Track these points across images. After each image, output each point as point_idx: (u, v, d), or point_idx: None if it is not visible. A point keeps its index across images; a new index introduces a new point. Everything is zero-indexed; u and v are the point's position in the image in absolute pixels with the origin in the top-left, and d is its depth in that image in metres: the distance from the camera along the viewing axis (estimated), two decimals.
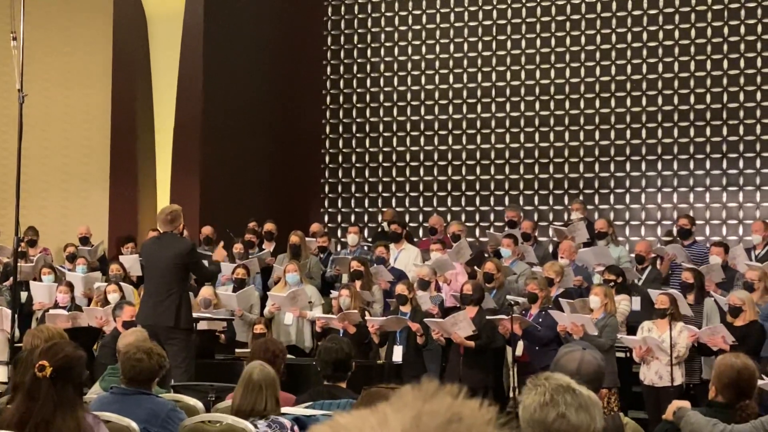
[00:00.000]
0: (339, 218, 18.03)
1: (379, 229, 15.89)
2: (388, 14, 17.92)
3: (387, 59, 17.90)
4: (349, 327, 11.58)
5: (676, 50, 16.23)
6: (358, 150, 18.04)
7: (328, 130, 18.24)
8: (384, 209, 16.96)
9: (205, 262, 12.01)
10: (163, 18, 16.76)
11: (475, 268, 12.93)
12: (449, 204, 17.34)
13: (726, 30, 16.00)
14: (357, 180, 18.01)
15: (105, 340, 11.18)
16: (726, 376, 5.85)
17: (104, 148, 17.25)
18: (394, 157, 17.74)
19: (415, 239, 15.98)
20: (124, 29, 16.99)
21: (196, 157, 16.50)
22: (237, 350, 12.09)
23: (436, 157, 17.46)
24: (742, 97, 15.89)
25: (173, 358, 10.07)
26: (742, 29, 15.92)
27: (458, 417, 1.25)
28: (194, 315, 11.23)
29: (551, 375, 3.33)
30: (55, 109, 17.89)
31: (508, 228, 14.69)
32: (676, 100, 16.20)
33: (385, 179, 17.80)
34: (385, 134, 17.83)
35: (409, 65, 17.74)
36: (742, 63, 15.91)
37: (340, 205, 18.11)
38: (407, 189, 17.63)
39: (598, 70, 16.61)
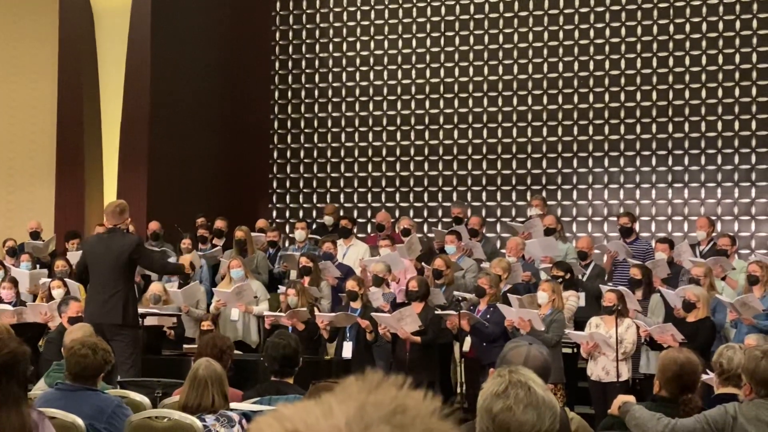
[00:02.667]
0: (287, 214, 18.00)
1: (316, 225, 15.87)
2: (336, 9, 17.90)
3: (335, 54, 17.89)
4: (298, 324, 11.56)
5: (623, 47, 16.35)
6: (306, 145, 18.01)
7: (276, 125, 18.20)
8: (333, 205, 16.93)
9: (155, 254, 12.02)
10: (109, 11, 16.63)
11: (423, 264, 12.95)
12: (397, 200, 17.36)
13: (671, 28, 16.14)
14: (305, 175, 17.98)
15: (50, 336, 11.09)
16: (669, 371, 5.91)
17: (50, 142, 17.11)
18: (342, 153, 17.73)
19: (362, 235, 15.98)
20: (71, 22, 16.84)
21: (143, 151, 16.39)
22: (185, 346, 12.05)
23: (384, 152, 17.47)
24: (687, 94, 16.03)
25: (119, 354, 10.04)
26: (688, 27, 16.07)
27: (403, 408, 1.26)
28: (143, 311, 11.20)
29: (517, 369, 3.36)
30: (1, 103, 17.71)
31: (454, 224, 14.74)
32: (622, 97, 16.32)
33: (333, 175, 17.79)
34: (334, 130, 17.82)
35: (358, 61, 17.73)
36: (687, 60, 16.05)
37: (288, 200, 18.07)
38: (355, 185, 17.63)
39: (545, 66, 16.69)
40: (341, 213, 16.48)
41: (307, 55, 18.09)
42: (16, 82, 17.64)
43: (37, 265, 14.42)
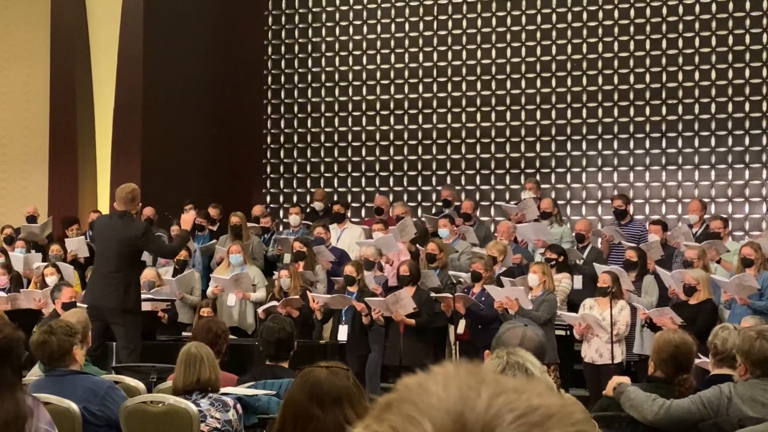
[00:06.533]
0: (281, 199, 17.98)
1: (308, 210, 15.89)
2: None
3: (328, 39, 17.84)
4: (292, 312, 11.56)
5: (616, 30, 16.33)
6: (299, 130, 17.98)
7: (269, 110, 18.17)
8: (327, 189, 16.93)
9: (166, 240, 11.93)
10: None
11: (418, 246, 12.97)
12: (391, 184, 17.35)
13: (664, 10, 16.12)
14: (299, 160, 17.96)
15: (44, 323, 11.06)
16: (664, 352, 5.92)
17: (43, 128, 17.06)
18: (335, 137, 17.71)
19: (356, 219, 15.99)
20: (63, 7, 16.80)
21: (136, 137, 16.36)
22: (184, 333, 12.03)
23: (377, 137, 17.46)
24: (680, 76, 16.02)
25: (119, 339, 10.07)
26: (681, 9, 16.04)
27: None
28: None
29: (516, 350, 3.36)
30: None
31: (444, 207, 14.82)
32: (616, 79, 16.31)
33: (327, 160, 17.76)
34: (327, 114, 17.79)
35: (351, 45, 17.69)
36: (680, 43, 16.03)
37: (282, 185, 18.05)
38: (349, 169, 17.61)
39: (539, 50, 16.67)
40: (335, 198, 16.49)
41: (300, 40, 18.05)
42: (8, 68, 17.58)
43: (32, 250, 14.41)
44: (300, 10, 18.05)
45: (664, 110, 16.08)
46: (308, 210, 15.93)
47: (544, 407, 1.16)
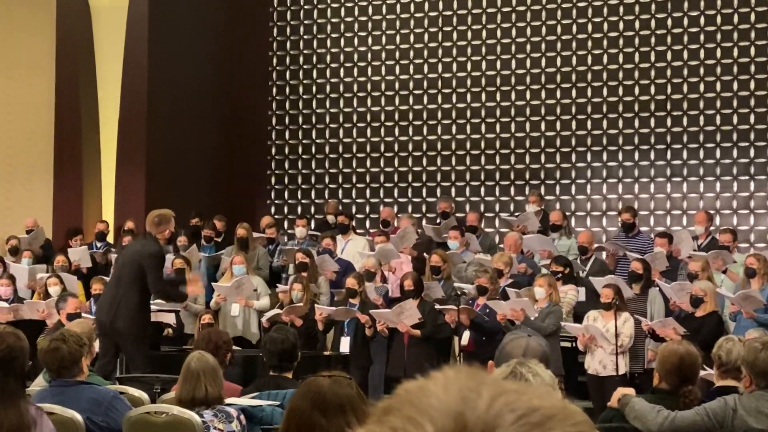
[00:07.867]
0: (286, 210, 17.98)
1: (319, 222, 15.91)
2: (334, 5, 17.87)
3: (333, 50, 17.86)
4: (296, 320, 11.56)
5: (621, 42, 16.33)
6: (304, 141, 17.99)
7: (274, 121, 18.17)
8: (331, 200, 16.92)
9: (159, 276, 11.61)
10: (107, 7, 16.61)
11: (424, 254, 12.96)
12: (396, 195, 17.34)
13: (669, 22, 16.12)
14: (304, 171, 17.95)
15: (48, 333, 11.06)
16: (669, 363, 5.91)
17: (48, 139, 17.07)
18: (340, 149, 17.71)
19: (360, 231, 15.98)
20: (68, 19, 16.82)
21: (141, 148, 16.37)
22: (185, 347, 12.00)
23: (382, 148, 17.45)
24: (685, 88, 16.01)
25: (126, 353, 10.04)
26: (686, 21, 16.05)
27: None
28: None
29: (526, 362, 3.35)
30: None
31: (441, 219, 14.84)
32: (620, 91, 16.30)
33: (332, 171, 17.76)
34: (332, 125, 17.79)
35: (356, 56, 17.70)
36: (685, 54, 16.03)
37: (287, 196, 18.04)
38: (354, 180, 17.61)
39: (543, 62, 16.67)
40: (339, 209, 16.49)
41: (305, 51, 18.07)
42: (12, 77, 17.58)
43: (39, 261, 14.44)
44: (305, 21, 18.07)
45: (668, 122, 16.07)
46: (317, 222, 15.96)
47: (544, 408, 1.16)
